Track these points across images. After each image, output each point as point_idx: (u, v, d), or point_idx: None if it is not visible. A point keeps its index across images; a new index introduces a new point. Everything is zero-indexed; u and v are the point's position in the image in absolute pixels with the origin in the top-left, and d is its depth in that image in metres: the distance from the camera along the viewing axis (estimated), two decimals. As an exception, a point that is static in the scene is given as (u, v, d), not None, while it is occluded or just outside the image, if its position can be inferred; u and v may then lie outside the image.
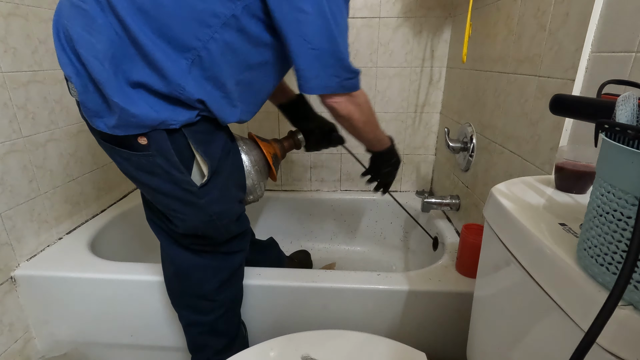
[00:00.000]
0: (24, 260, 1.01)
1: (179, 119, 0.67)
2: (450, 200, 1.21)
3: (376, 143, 0.91)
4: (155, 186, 0.72)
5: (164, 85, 0.65)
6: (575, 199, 0.53)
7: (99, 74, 0.62)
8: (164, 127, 0.67)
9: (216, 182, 0.75)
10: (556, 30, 0.70)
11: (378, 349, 0.72)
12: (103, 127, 0.66)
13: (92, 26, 0.62)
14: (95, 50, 0.62)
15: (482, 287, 0.61)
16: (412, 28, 1.31)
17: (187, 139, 0.70)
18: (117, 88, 0.63)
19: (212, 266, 0.84)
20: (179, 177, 0.71)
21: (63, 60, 0.64)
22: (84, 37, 0.62)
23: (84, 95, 0.65)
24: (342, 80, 0.71)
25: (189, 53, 0.65)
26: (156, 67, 0.64)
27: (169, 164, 0.69)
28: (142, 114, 0.64)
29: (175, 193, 0.72)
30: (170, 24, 0.63)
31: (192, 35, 0.64)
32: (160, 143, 0.68)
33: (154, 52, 0.63)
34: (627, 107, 0.35)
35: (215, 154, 0.74)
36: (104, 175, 1.32)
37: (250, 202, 0.95)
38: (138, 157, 0.69)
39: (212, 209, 0.76)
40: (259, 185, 0.93)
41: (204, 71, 0.67)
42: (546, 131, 0.73)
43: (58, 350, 1.06)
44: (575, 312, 0.35)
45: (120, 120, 0.65)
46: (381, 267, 1.44)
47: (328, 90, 0.71)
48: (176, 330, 1.01)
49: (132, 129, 0.66)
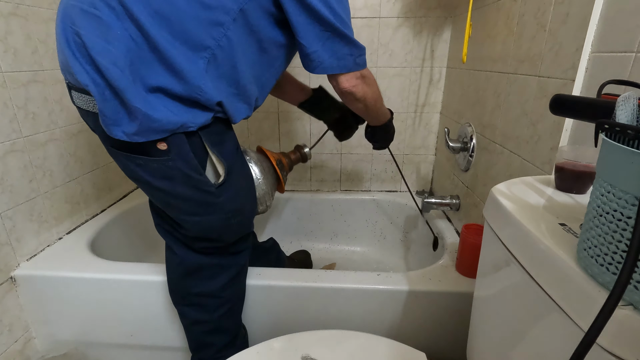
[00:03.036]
0: (24, 260, 1.01)
1: (197, 121, 0.68)
2: (450, 200, 1.21)
3: (381, 117, 0.96)
4: (173, 191, 0.72)
5: (183, 88, 0.65)
6: (575, 199, 0.53)
7: (119, 81, 0.61)
8: (182, 131, 0.67)
9: (231, 181, 0.77)
10: (556, 30, 0.70)
11: (378, 349, 0.72)
12: (121, 135, 0.65)
13: (108, 33, 0.61)
14: (114, 57, 0.61)
15: (482, 287, 0.61)
16: (412, 28, 1.31)
17: (203, 141, 0.71)
18: (138, 94, 0.63)
19: (221, 265, 0.85)
20: (197, 179, 0.72)
21: (77, 69, 0.62)
22: (100, 45, 0.61)
23: (102, 103, 0.63)
24: (355, 57, 0.74)
25: (205, 52, 0.65)
26: (175, 70, 0.64)
27: (188, 167, 0.70)
28: (163, 119, 0.65)
29: (193, 195, 0.73)
30: (186, 24, 0.63)
31: (206, 33, 0.64)
32: (180, 147, 0.68)
33: (173, 55, 0.63)
34: (627, 107, 0.35)
35: (229, 153, 0.76)
36: (104, 175, 1.32)
37: (260, 213, 0.96)
38: (156, 162, 0.69)
39: (229, 207, 0.78)
40: (269, 196, 0.94)
41: (218, 69, 0.67)
42: (546, 131, 0.73)
43: (58, 350, 1.06)
44: (575, 312, 0.35)
45: (142, 127, 0.64)
46: (381, 267, 1.44)
47: (344, 69, 0.74)
48: (176, 330, 1.01)
49: (153, 135, 0.66)
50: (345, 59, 0.73)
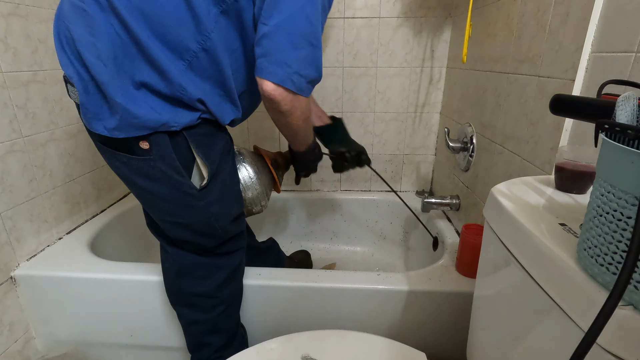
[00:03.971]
0: (24, 260, 1.01)
1: (180, 121, 0.67)
2: (450, 200, 1.21)
3: (300, 141, 0.87)
4: (154, 191, 0.72)
5: (166, 86, 0.65)
6: (575, 199, 0.53)
7: (101, 74, 0.62)
8: (165, 130, 0.66)
9: (215, 184, 0.75)
10: (556, 30, 0.70)
11: (378, 349, 0.72)
12: (102, 129, 0.66)
13: (93, 27, 0.61)
14: (98, 51, 0.61)
15: (482, 287, 0.61)
16: (412, 28, 1.31)
17: (188, 142, 0.70)
18: (121, 88, 0.63)
19: (214, 265, 0.85)
20: (179, 180, 0.71)
21: (64, 61, 0.64)
22: (85, 38, 0.61)
23: (84, 96, 0.64)
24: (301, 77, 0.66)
25: (187, 54, 0.65)
26: (158, 68, 0.64)
27: (170, 168, 0.69)
28: (143, 115, 0.64)
29: (174, 197, 0.72)
30: (168, 25, 0.63)
31: (189, 36, 0.64)
32: (162, 147, 0.67)
33: (154, 52, 0.63)
34: (627, 107, 0.35)
35: (215, 157, 0.74)
36: (104, 175, 1.32)
37: (256, 213, 0.96)
38: (138, 161, 0.68)
39: (210, 211, 0.76)
40: (263, 196, 0.93)
41: (203, 71, 0.66)
42: (546, 131, 0.73)
43: (58, 350, 1.06)
44: (575, 312, 0.35)
45: (122, 122, 0.64)
46: (381, 267, 1.44)
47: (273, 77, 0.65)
48: (176, 330, 1.01)
49: (133, 131, 0.65)
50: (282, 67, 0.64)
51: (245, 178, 0.90)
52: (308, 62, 0.66)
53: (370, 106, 1.43)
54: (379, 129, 1.46)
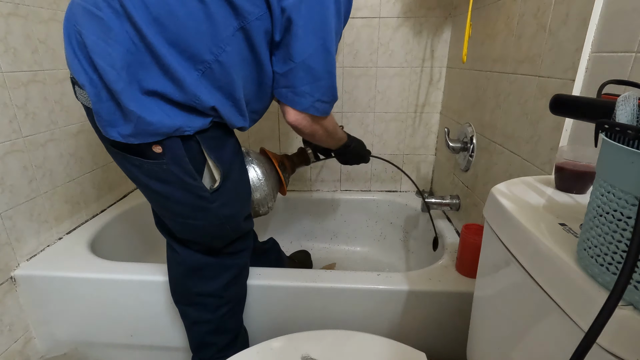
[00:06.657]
0: (24, 260, 1.01)
1: (193, 125, 0.68)
2: (450, 200, 1.21)
3: (336, 143, 0.96)
4: (167, 193, 0.72)
5: (180, 95, 0.65)
6: (575, 199, 0.53)
7: (115, 83, 0.62)
8: (178, 134, 0.67)
9: (226, 186, 0.76)
10: (556, 30, 0.70)
11: (378, 349, 0.72)
12: (117, 136, 0.66)
13: (108, 34, 0.61)
14: (112, 59, 0.61)
15: (482, 287, 0.61)
16: (412, 28, 1.31)
17: (200, 145, 0.71)
18: (134, 96, 0.63)
19: (222, 265, 0.85)
20: (192, 183, 0.71)
21: (75, 67, 0.63)
22: (99, 46, 0.61)
23: (97, 104, 0.64)
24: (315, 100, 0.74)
25: (201, 65, 0.65)
26: (173, 77, 0.64)
27: (182, 172, 0.70)
28: (158, 122, 0.64)
29: (187, 199, 0.73)
30: (184, 35, 0.63)
31: (204, 47, 0.64)
32: (175, 151, 0.68)
33: (170, 62, 0.63)
34: (627, 107, 0.35)
35: (226, 159, 0.75)
36: (104, 175, 1.32)
37: (262, 215, 0.96)
38: (151, 164, 0.69)
39: (222, 212, 0.77)
40: (270, 197, 0.94)
41: (215, 81, 0.67)
42: (546, 131, 0.73)
43: (58, 350, 1.06)
44: (575, 312, 0.35)
45: (137, 129, 0.64)
46: (381, 267, 1.44)
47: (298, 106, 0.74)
48: (176, 330, 1.01)
49: (148, 137, 0.66)
50: (304, 97, 0.72)
51: (253, 179, 0.90)
52: (327, 89, 0.74)
53: (370, 106, 1.43)
54: (379, 129, 1.46)
